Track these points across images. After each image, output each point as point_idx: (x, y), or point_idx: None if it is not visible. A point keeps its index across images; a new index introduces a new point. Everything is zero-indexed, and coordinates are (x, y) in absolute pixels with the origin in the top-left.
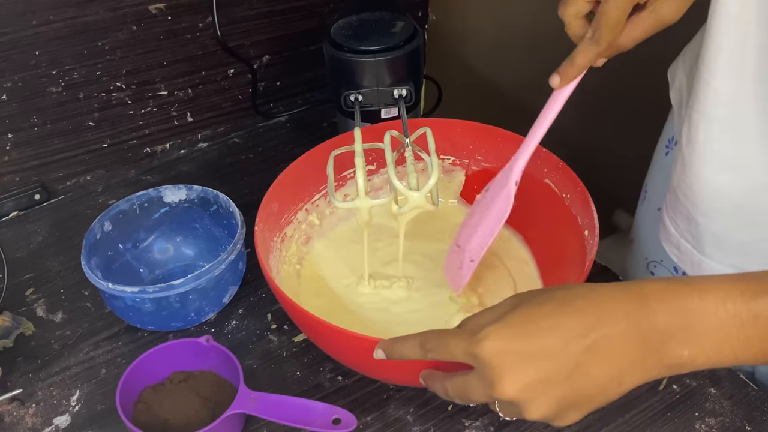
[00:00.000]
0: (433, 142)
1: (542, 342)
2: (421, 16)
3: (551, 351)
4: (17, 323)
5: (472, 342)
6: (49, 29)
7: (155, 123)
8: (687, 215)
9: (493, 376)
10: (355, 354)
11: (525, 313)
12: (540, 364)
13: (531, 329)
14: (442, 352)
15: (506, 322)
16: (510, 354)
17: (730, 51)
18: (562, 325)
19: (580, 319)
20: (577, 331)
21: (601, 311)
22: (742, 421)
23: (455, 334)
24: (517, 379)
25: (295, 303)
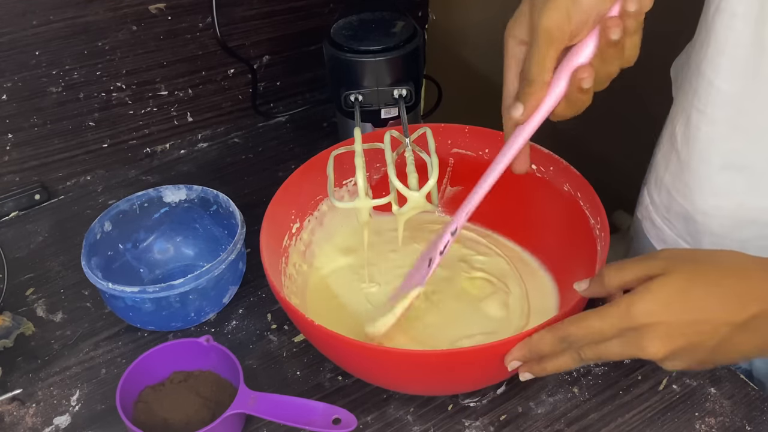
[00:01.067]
0: (433, 142)
1: (695, 319)
2: (421, 16)
3: (703, 328)
4: (17, 323)
5: (629, 319)
6: (49, 29)
7: (155, 123)
8: (684, 215)
9: (644, 343)
10: (357, 361)
11: (676, 286)
12: (691, 337)
13: (683, 307)
14: (593, 337)
15: (658, 295)
16: (664, 325)
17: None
18: (713, 307)
19: (731, 301)
20: (728, 312)
21: (752, 292)
22: (742, 421)
23: (603, 317)
24: (666, 345)
25: (300, 312)
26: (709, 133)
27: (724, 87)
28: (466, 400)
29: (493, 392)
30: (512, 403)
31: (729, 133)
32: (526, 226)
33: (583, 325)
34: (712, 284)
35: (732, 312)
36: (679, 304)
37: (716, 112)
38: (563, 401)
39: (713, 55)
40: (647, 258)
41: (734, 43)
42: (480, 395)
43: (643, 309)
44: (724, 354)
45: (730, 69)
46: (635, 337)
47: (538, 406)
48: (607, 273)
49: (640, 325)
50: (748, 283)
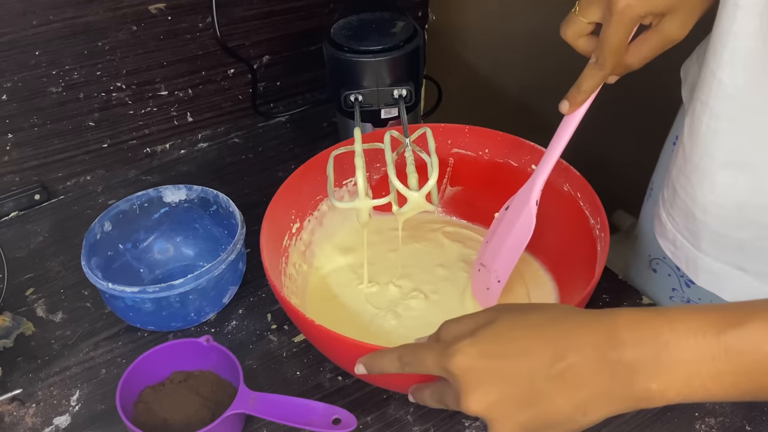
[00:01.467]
0: (433, 142)
1: (509, 365)
2: (421, 16)
3: (517, 376)
4: (17, 323)
5: (443, 356)
6: (49, 29)
7: (155, 123)
8: (685, 210)
9: (460, 391)
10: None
11: (497, 332)
12: (505, 387)
13: (499, 351)
14: (417, 365)
15: (477, 339)
16: (477, 371)
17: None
18: (530, 352)
19: (548, 347)
20: (544, 359)
21: (570, 340)
22: (742, 421)
23: (429, 348)
24: (481, 396)
25: (300, 312)
26: (712, 127)
27: (727, 80)
28: None
29: None
30: None
31: (731, 129)
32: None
33: (413, 350)
34: (530, 332)
35: (547, 360)
36: (496, 349)
37: (718, 105)
38: None
39: (717, 46)
40: (482, 311)
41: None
42: None
43: (459, 350)
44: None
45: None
46: (455, 384)
47: None
48: (444, 326)
49: (456, 368)
50: (565, 331)
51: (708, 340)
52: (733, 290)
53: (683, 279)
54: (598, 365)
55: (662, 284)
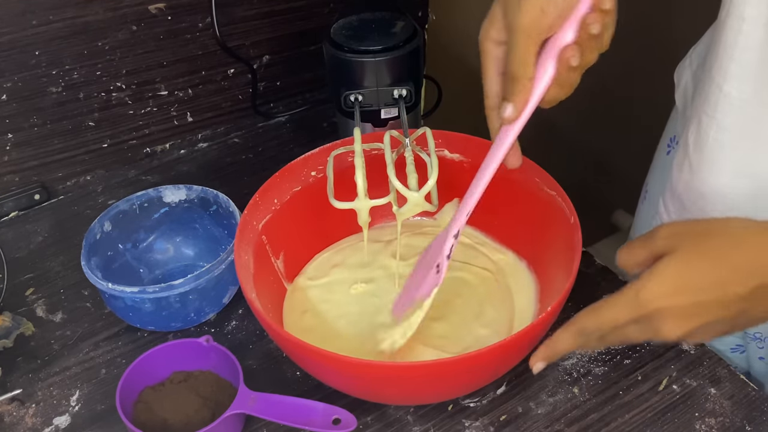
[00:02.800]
0: (433, 142)
1: (705, 298)
2: (421, 16)
3: (713, 304)
4: (17, 323)
5: (638, 306)
6: (49, 29)
7: (155, 123)
8: None
9: (659, 326)
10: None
11: (682, 265)
12: (703, 316)
13: (691, 285)
14: (608, 326)
15: (664, 277)
16: (675, 309)
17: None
18: (723, 282)
19: (737, 273)
20: (735, 284)
21: (755, 263)
22: (742, 421)
23: (613, 306)
24: (682, 326)
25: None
26: (719, 140)
27: (733, 92)
28: (466, 400)
29: (493, 392)
30: (512, 403)
31: (738, 141)
32: (503, 221)
33: (597, 316)
34: (719, 259)
35: (738, 284)
36: (687, 284)
37: (725, 118)
38: (563, 401)
39: (723, 59)
40: (650, 237)
41: (743, 48)
42: (480, 395)
43: (649, 296)
44: (744, 322)
45: (739, 74)
46: (649, 322)
47: (538, 406)
48: (619, 256)
49: (650, 312)
50: (748, 252)
51: None
52: None
53: None
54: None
55: None
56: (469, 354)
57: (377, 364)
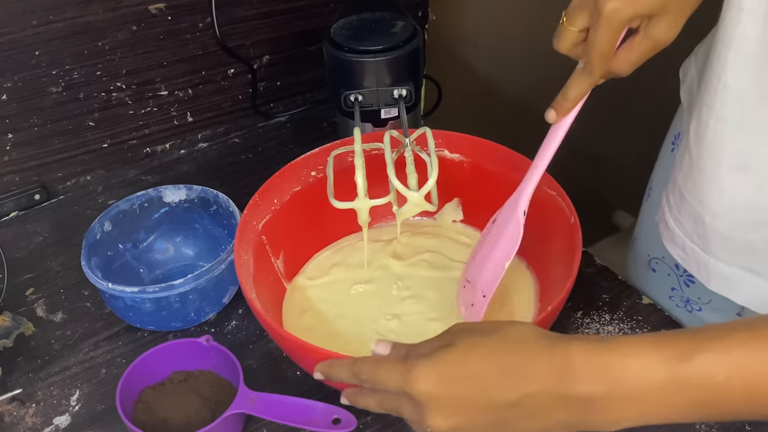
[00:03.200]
0: (432, 142)
1: (467, 392)
2: (421, 16)
3: (476, 402)
4: (17, 323)
5: (403, 380)
6: (49, 29)
7: (155, 123)
8: (694, 215)
9: (424, 413)
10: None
11: (455, 355)
12: (467, 412)
13: (456, 375)
14: (375, 383)
15: (436, 362)
16: (437, 397)
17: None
18: (487, 379)
19: (504, 376)
20: (501, 387)
21: (526, 370)
22: (742, 421)
23: (388, 369)
24: (445, 420)
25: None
26: (717, 132)
27: (731, 83)
28: None
29: None
30: None
31: (736, 132)
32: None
33: (372, 368)
34: (489, 358)
35: (506, 389)
36: (454, 376)
37: (724, 109)
38: None
39: (721, 50)
40: (442, 333)
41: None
42: None
43: (418, 375)
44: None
45: (737, 65)
46: (417, 405)
47: None
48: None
49: (416, 393)
50: (524, 360)
51: (659, 376)
52: (745, 293)
53: (682, 278)
54: (554, 398)
55: (661, 284)
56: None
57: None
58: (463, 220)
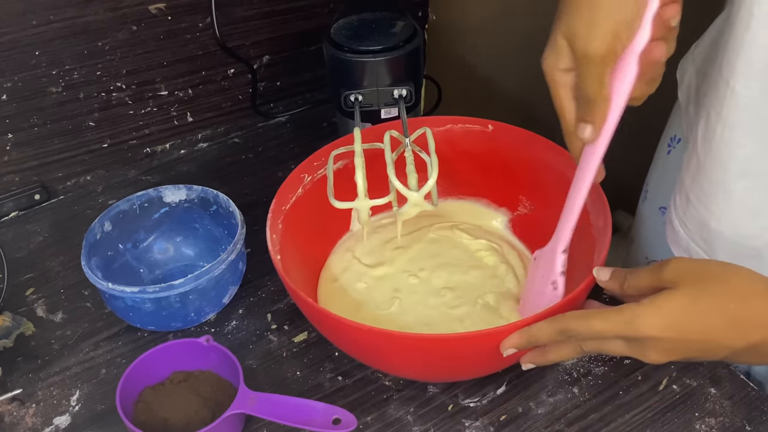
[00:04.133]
0: (432, 142)
1: (694, 340)
2: (421, 16)
3: (703, 347)
4: (17, 323)
5: (629, 328)
6: (49, 29)
7: (155, 123)
8: (699, 219)
9: (646, 351)
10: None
11: (681, 304)
12: (691, 353)
13: (685, 325)
14: (592, 336)
15: (662, 311)
16: (663, 342)
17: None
18: (715, 330)
19: (734, 327)
20: (730, 337)
21: (755, 320)
22: (742, 421)
23: (605, 320)
24: (668, 357)
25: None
26: (725, 138)
27: (741, 89)
28: (466, 400)
29: (493, 392)
30: (512, 403)
31: (743, 139)
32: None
33: (586, 323)
34: (717, 307)
35: (733, 338)
36: (682, 323)
37: (731, 115)
38: (563, 401)
39: (731, 55)
40: (660, 267)
41: (750, 44)
42: (480, 395)
43: (646, 323)
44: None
45: (745, 71)
46: (638, 345)
47: (538, 406)
48: (625, 278)
49: (642, 337)
50: (752, 309)
51: None
52: None
53: None
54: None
55: None
56: (498, 328)
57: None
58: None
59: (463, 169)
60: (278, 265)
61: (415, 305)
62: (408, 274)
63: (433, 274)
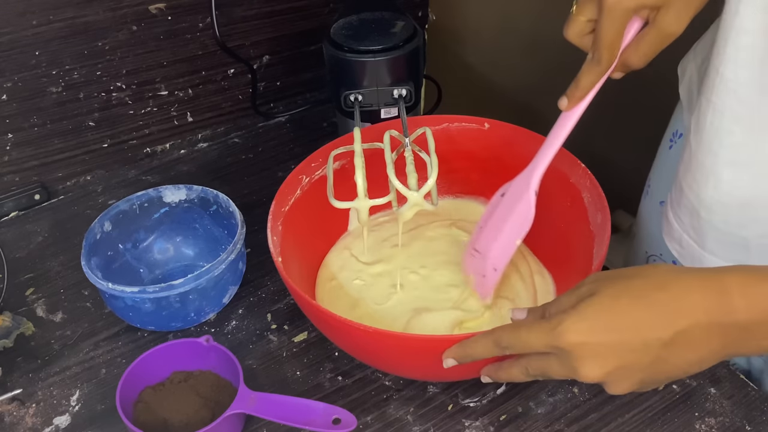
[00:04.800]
0: (432, 142)
1: (621, 337)
2: (421, 16)
3: (631, 346)
4: (17, 323)
5: (552, 335)
6: (49, 29)
7: (155, 123)
8: (690, 209)
9: (576, 365)
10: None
11: (603, 304)
12: (620, 357)
13: (609, 324)
14: (521, 346)
15: (584, 314)
16: (590, 346)
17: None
18: (640, 322)
19: (658, 315)
20: (655, 327)
21: (680, 305)
22: (742, 421)
23: (531, 329)
24: (598, 367)
25: (328, 311)
26: (715, 124)
27: (729, 75)
28: (466, 400)
29: (493, 392)
30: (512, 403)
31: (733, 126)
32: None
33: (514, 333)
34: (638, 299)
35: (659, 328)
36: (605, 323)
37: (721, 102)
38: (563, 401)
39: (720, 42)
40: (578, 286)
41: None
42: (480, 395)
43: (571, 329)
44: (664, 372)
45: (735, 57)
46: (567, 358)
47: (538, 406)
48: (546, 307)
49: (567, 345)
50: (673, 296)
51: None
52: None
53: None
54: (711, 329)
55: None
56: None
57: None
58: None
59: (461, 167)
60: (280, 266)
61: (416, 301)
62: (408, 271)
63: (435, 272)
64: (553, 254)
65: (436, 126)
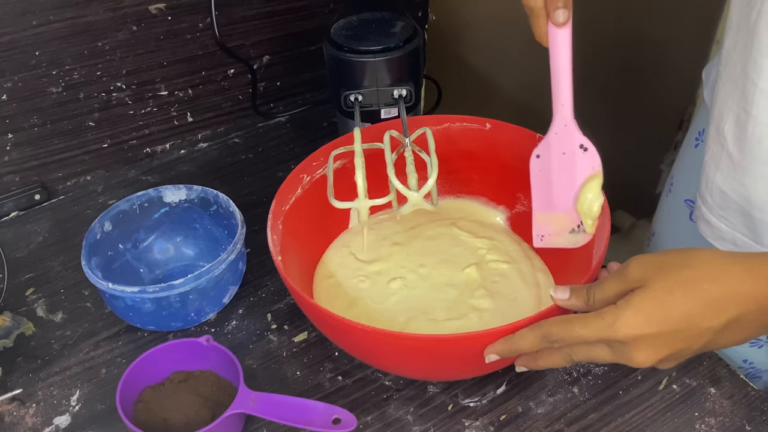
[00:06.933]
0: (432, 142)
1: (676, 329)
2: (421, 16)
3: (685, 335)
4: (17, 323)
5: (611, 331)
6: (49, 29)
7: (155, 123)
8: (741, 211)
9: (631, 354)
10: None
11: (657, 299)
12: (676, 345)
13: (665, 318)
14: (572, 340)
15: (639, 309)
16: (646, 338)
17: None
18: (694, 314)
19: (711, 307)
20: (708, 318)
21: (731, 297)
22: (742, 421)
23: (587, 325)
24: (654, 353)
25: (327, 311)
26: (757, 134)
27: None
28: (466, 400)
29: (493, 392)
30: (512, 403)
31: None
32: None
33: (567, 328)
34: (691, 292)
35: (712, 318)
36: (662, 316)
37: (761, 114)
38: (563, 401)
39: (756, 56)
40: (623, 272)
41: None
42: (480, 395)
43: (627, 324)
44: (709, 350)
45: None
46: (622, 348)
47: (538, 406)
48: (590, 291)
49: (624, 339)
50: (724, 286)
51: None
52: None
53: None
54: (760, 314)
55: None
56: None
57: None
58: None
59: (462, 167)
60: (280, 266)
61: (415, 299)
62: (407, 269)
63: (434, 271)
64: (552, 254)
65: (438, 126)
